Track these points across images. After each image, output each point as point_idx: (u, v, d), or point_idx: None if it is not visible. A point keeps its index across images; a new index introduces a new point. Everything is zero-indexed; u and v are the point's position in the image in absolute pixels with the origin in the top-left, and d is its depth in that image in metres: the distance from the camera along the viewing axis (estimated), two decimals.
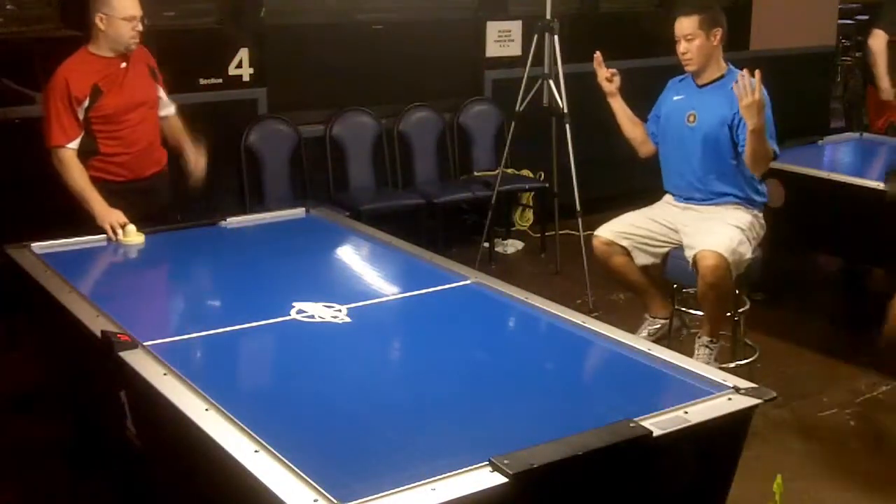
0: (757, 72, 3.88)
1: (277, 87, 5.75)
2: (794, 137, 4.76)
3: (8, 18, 5.26)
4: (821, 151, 5.67)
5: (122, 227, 3.86)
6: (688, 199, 4.28)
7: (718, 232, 4.04)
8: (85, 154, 4.10)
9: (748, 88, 3.83)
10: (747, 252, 4.08)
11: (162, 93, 4.34)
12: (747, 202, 4.21)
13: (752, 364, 4.35)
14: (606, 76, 4.40)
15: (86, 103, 4.04)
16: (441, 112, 6.30)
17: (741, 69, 4.14)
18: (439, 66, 6.32)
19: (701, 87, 4.25)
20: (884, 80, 6.18)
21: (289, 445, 2.22)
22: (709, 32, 4.16)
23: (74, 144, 4.07)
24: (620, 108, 4.46)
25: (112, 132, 4.12)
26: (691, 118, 4.23)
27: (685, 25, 4.18)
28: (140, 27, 4.10)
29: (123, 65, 4.15)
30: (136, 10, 4.09)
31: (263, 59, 5.64)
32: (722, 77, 4.22)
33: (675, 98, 4.34)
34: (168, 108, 4.40)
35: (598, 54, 4.41)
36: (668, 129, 4.35)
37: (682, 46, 4.20)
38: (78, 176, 4.05)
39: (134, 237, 3.87)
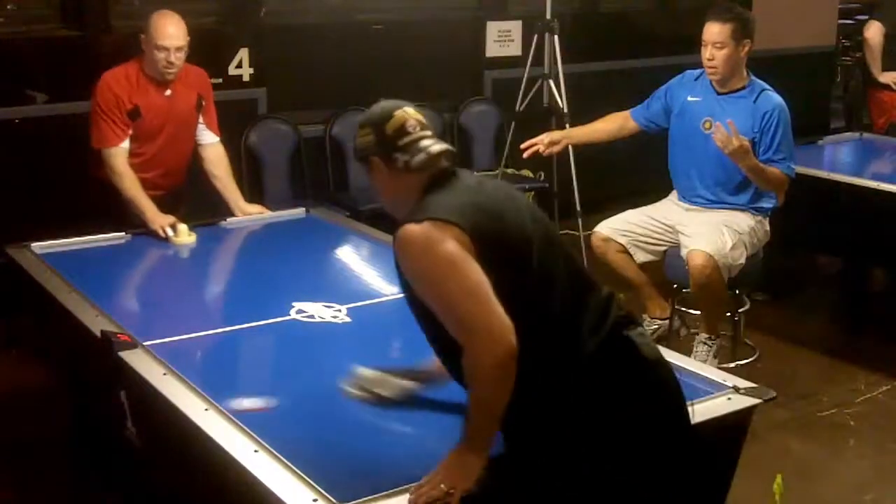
0: (729, 121, 3.88)
1: (277, 87, 5.74)
2: (794, 137, 4.75)
3: (8, 18, 5.26)
4: (821, 151, 5.67)
5: (173, 227, 3.82)
6: (693, 202, 4.28)
7: (711, 233, 4.04)
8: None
9: (728, 139, 3.84)
10: (741, 256, 4.07)
11: (203, 121, 4.22)
12: (754, 209, 4.20)
13: (752, 364, 4.35)
14: (550, 151, 4.26)
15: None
16: (441, 112, 6.30)
17: (763, 80, 4.17)
18: (439, 66, 6.31)
19: (720, 94, 4.15)
20: (877, 68, 6.48)
21: (289, 445, 2.22)
22: (739, 43, 4.04)
23: (125, 145, 4.00)
24: (578, 139, 4.42)
25: (133, 150, 4.07)
26: (707, 125, 4.12)
27: (715, 32, 4.03)
28: (174, 58, 3.95)
29: (168, 93, 4.05)
30: (171, 41, 3.93)
31: (263, 59, 5.64)
32: (743, 88, 4.13)
33: (691, 99, 4.22)
34: (207, 137, 4.27)
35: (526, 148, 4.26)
36: (680, 129, 4.27)
37: (708, 52, 4.06)
38: (129, 180, 3.98)
39: (185, 237, 3.83)
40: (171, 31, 3.95)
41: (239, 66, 5.54)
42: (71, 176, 4.62)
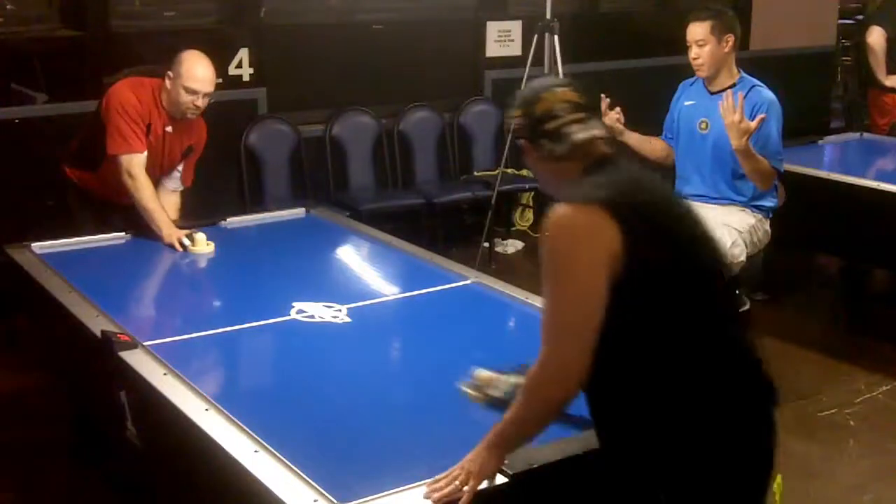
0: (739, 98, 3.89)
1: (277, 87, 5.75)
2: (794, 137, 4.75)
3: (8, 18, 5.26)
4: (821, 151, 5.67)
5: (190, 238, 3.73)
6: (695, 199, 4.30)
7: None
8: (86, 160, 4.02)
9: (731, 108, 3.86)
10: (741, 254, 4.09)
11: (180, 168, 4.10)
12: (754, 207, 4.22)
13: None
14: (615, 118, 4.22)
15: None
16: (441, 112, 6.30)
17: (752, 76, 4.19)
18: (439, 66, 6.32)
19: (713, 94, 4.21)
20: (882, 72, 6.45)
21: (289, 445, 2.22)
22: (720, 38, 4.12)
23: (145, 154, 3.88)
24: (632, 139, 4.37)
25: (115, 170, 3.92)
26: (703, 125, 4.23)
27: (697, 31, 4.15)
28: (200, 102, 3.85)
29: (169, 129, 3.95)
30: (202, 86, 3.82)
31: (263, 59, 5.64)
32: (734, 85, 4.17)
33: (687, 103, 4.31)
34: (174, 183, 4.13)
35: (605, 100, 4.13)
36: (680, 133, 4.35)
37: (693, 51, 4.16)
38: (150, 191, 3.86)
39: (203, 247, 3.75)
40: (203, 76, 3.83)
41: (239, 66, 5.55)
42: None
